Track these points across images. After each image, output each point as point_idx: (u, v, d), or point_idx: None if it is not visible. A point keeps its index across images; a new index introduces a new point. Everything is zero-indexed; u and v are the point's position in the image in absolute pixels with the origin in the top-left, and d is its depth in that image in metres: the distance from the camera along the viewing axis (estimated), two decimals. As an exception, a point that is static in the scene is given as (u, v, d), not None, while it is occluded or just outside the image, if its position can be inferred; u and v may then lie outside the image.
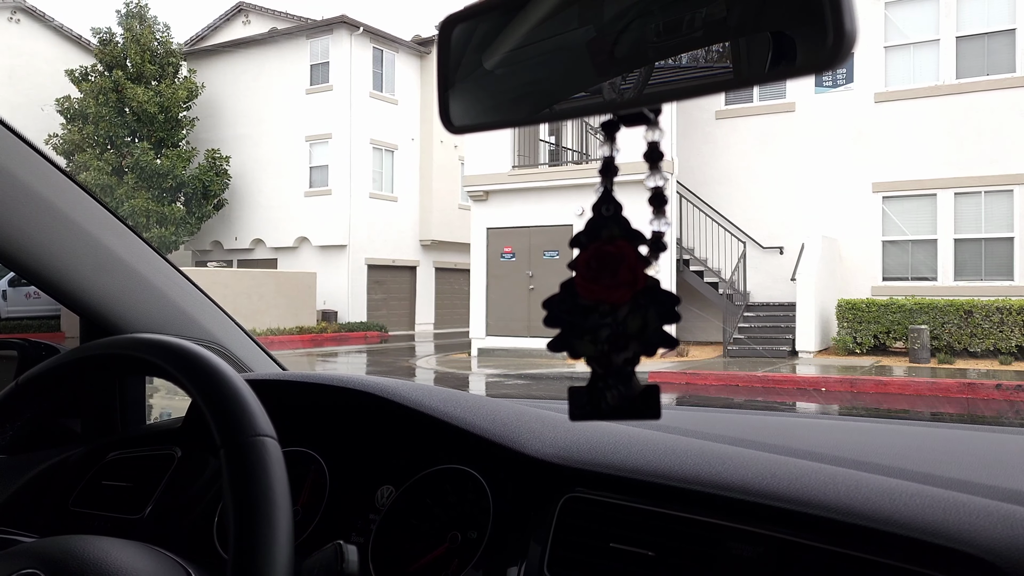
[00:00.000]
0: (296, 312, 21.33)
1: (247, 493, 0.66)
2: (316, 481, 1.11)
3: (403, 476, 1.04)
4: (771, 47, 0.39)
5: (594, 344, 0.45)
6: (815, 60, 0.38)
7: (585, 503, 0.88)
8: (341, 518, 1.05)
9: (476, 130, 0.49)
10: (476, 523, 0.95)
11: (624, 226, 0.45)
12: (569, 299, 0.45)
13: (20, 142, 1.11)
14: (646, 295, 0.44)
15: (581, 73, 0.44)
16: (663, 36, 0.41)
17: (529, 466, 0.94)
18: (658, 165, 0.44)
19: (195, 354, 0.75)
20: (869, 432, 1.12)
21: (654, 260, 0.44)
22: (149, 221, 22.18)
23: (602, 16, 0.42)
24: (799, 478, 0.79)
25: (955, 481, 0.79)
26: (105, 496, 1.22)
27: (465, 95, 0.49)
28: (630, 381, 0.44)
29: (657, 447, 0.91)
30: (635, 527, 0.84)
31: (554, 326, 0.46)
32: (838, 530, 0.73)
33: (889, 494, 0.74)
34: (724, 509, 0.80)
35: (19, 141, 1.11)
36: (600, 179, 0.46)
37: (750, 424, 1.14)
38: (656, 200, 0.44)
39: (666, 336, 0.44)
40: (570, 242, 0.46)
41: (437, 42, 0.50)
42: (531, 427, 1.00)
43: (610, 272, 0.44)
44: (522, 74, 0.47)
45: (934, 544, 0.67)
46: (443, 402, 1.04)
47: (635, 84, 0.43)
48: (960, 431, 1.13)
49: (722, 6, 0.39)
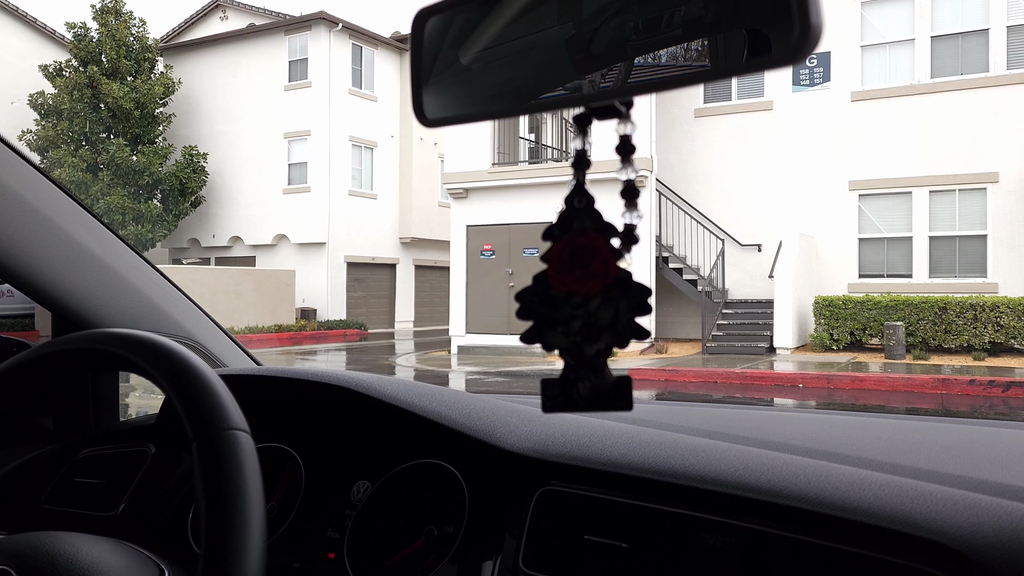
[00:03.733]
0: (274, 310, 21.19)
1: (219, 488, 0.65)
2: (291, 477, 1.11)
3: (379, 471, 1.04)
4: (746, 43, 0.40)
5: (566, 336, 0.45)
6: (783, 54, 0.39)
7: (560, 496, 0.89)
8: (316, 514, 1.05)
9: (450, 123, 0.49)
10: (452, 517, 0.95)
11: (596, 218, 0.45)
12: (542, 291, 0.45)
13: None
14: (618, 287, 0.44)
15: (559, 69, 0.44)
16: (642, 34, 0.41)
17: (504, 460, 0.95)
18: (630, 158, 0.44)
19: (167, 348, 0.75)
20: (840, 424, 1.14)
21: (626, 252, 0.44)
22: (125, 218, 21.93)
23: (581, 13, 0.42)
24: (770, 469, 0.80)
25: (923, 471, 0.81)
26: (78, 493, 1.21)
27: (440, 89, 0.48)
28: (602, 372, 0.45)
29: (631, 440, 0.92)
30: (609, 519, 0.85)
31: (527, 318, 0.46)
32: (808, 520, 0.74)
33: (858, 484, 0.75)
34: (697, 500, 0.80)
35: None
36: (572, 172, 0.46)
37: (723, 417, 1.15)
38: (628, 193, 0.44)
39: (638, 327, 0.44)
40: (543, 234, 0.46)
41: (410, 35, 0.49)
42: (506, 421, 1.00)
43: (582, 264, 0.44)
44: (499, 70, 0.46)
45: (902, 533, 0.68)
46: (418, 397, 1.04)
47: (614, 79, 0.43)
48: (929, 423, 1.15)
49: (699, 5, 0.40)
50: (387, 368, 13.83)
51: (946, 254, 14.15)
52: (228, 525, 0.63)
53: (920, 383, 9.92)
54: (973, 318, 12.30)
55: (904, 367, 11.33)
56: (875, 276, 14.63)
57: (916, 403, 9.17)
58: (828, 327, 13.25)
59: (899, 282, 14.30)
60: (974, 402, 9.10)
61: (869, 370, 10.99)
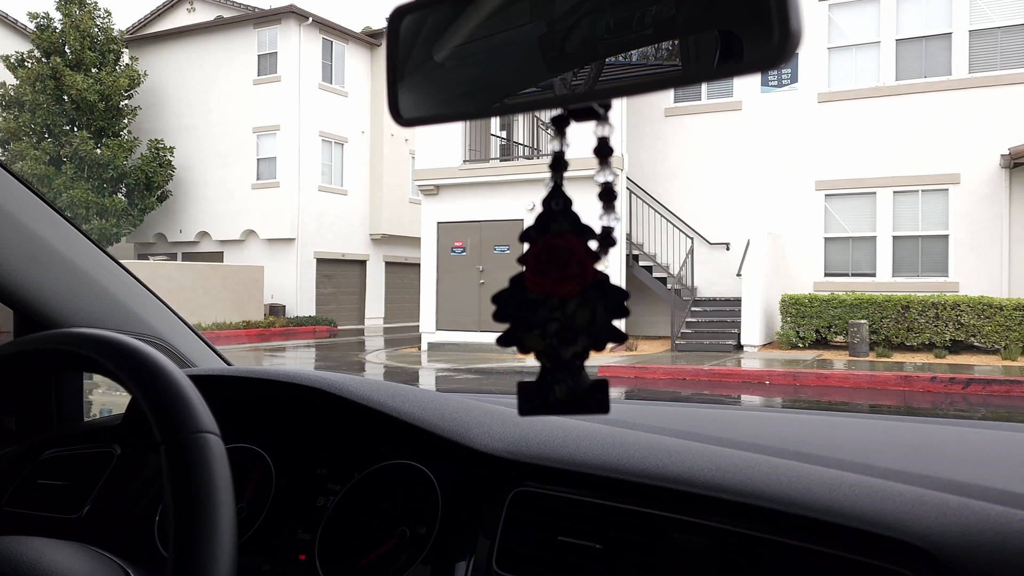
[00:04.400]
0: (242, 306, 20.96)
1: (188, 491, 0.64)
2: (262, 478, 1.09)
3: (351, 472, 1.03)
4: (719, 45, 0.40)
5: (543, 338, 0.45)
6: (761, 58, 0.38)
7: (534, 497, 0.89)
8: (287, 515, 1.04)
9: (426, 123, 0.49)
10: (424, 518, 0.94)
11: (573, 220, 0.45)
12: (518, 293, 0.45)
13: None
14: (595, 289, 0.44)
15: (532, 68, 0.44)
16: (613, 33, 0.41)
17: (478, 461, 0.94)
18: (608, 160, 0.44)
19: (133, 349, 0.73)
20: (811, 424, 1.15)
21: (603, 255, 0.44)
22: (88, 213, 21.53)
23: (553, 11, 0.42)
24: (743, 470, 0.81)
25: (892, 471, 0.82)
26: (41, 495, 1.18)
27: (415, 87, 0.48)
28: (579, 375, 0.44)
29: (605, 441, 0.92)
30: (583, 520, 0.85)
31: (503, 321, 0.46)
32: (781, 520, 0.74)
33: (829, 484, 0.76)
34: (670, 501, 0.81)
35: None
36: (550, 174, 0.46)
37: (696, 417, 1.16)
38: (606, 195, 0.44)
39: (614, 330, 0.44)
40: (520, 236, 0.46)
41: (386, 33, 0.49)
42: (480, 422, 1.00)
43: (559, 266, 0.44)
44: (473, 68, 0.46)
45: (871, 533, 0.69)
46: (391, 397, 1.03)
47: (586, 80, 0.43)
48: (897, 422, 1.17)
49: (671, 4, 0.40)
50: (357, 365, 13.75)
51: (909, 253, 14.42)
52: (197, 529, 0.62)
53: (883, 380, 10.10)
54: (935, 316, 12.54)
55: (868, 364, 11.52)
56: (840, 275, 14.85)
57: (879, 400, 9.33)
58: (794, 325, 13.43)
59: (863, 281, 14.54)
60: (935, 399, 9.28)
61: (834, 367, 11.16)
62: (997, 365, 11.22)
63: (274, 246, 23.02)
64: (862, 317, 12.90)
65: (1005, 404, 8.85)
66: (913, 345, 12.78)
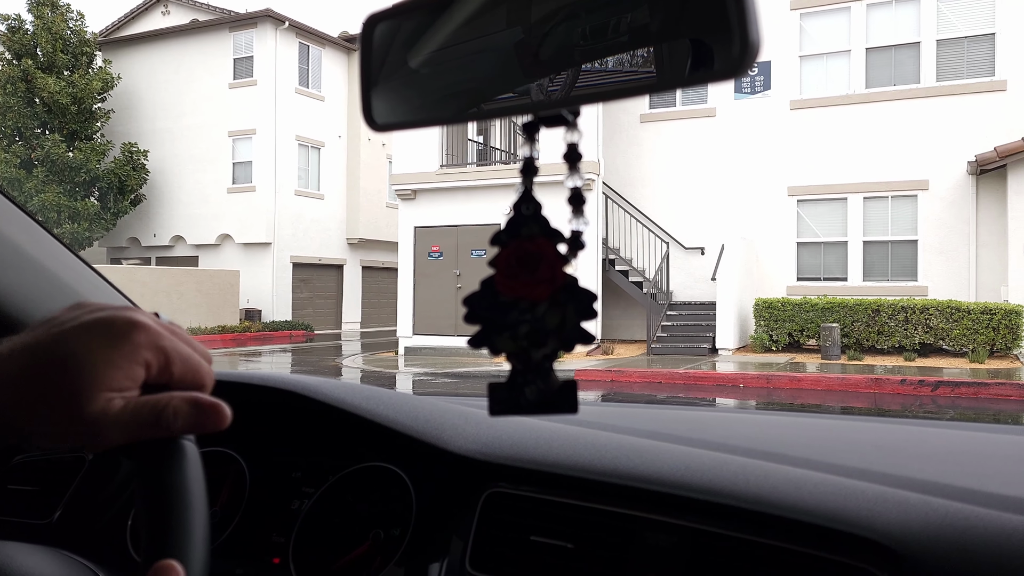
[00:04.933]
0: (218, 311, 20.76)
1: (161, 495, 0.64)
2: (236, 481, 1.09)
3: (325, 475, 1.04)
4: (690, 53, 0.41)
5: (514, 340, 0.45)
6: (725, 67, 0.40)
7: (507, 498, 0.90)
8: (261, 518, 1.04)
9: (400, 128, 0.49)
10: (399, 520, 0.95)
11: (544, 224, 0.45)
12: (489, 296, 0.46)
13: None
14: (565, 292, 0.44)
15: (508, 74, 0.45)
16: (589, 40, 0.41)
17: (452, 462, 0.95)
18: (577, 166, 0.45)
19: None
20: (779, 425, 1.17)
21: (573, 258, 0.45)
22: (60, 216, 21.22)
23: (529, 18, 0.43)
24: (711, 469, 0.82)
25: (856, 470, 0.84)
26: (12, 501, 1.17)
27: (389, 93, 0.48)
28: (549, 376, 0.45)
29: (577, 442, 0.93)
30: (555, 520, 0.86)
31: (474, 323, 0.46)
32: (748, 518, 0.76)
33: (795, 483, 0.78)
34: (641, 500, 0.82)
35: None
36: (521, 178, 0.47)
37: (667, 418, 1.18)
38: (575, 200, 0.45)
39: (584, 332, 0.45)
40: (491, 240, 0.46)
41: (360, 40, 0.49)
42: (454, 423, 1.01)
43: (530, 269, 0.45)
44: (448, 74, 0.47)
45: (835, 530, 0.71)
46: (365, 399, 1.04)
47: (562, 86, 0.44)
48: (862, 422, 1.19)
49: (645, 12, 0.41)
50: (333, 369, 13.67)
51: (879, 258, 14.62)
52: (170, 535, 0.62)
53: (854, 383, 10.23)
54: (904, 320, 12.72)
55: (839, 367, 11.66)
56: (812, 279, 15.03)
57: (851, 402, 9.44)
58: (768, 328, 13.56)
59: (835, 285, 14.72)
60: (905, 401, 9.41)
61: (806, 370, 11.28)
62: (965, 368, 11.41)
63: (250, 250, 22.83)
64: (834, 321, 13.06)
65: (973, 406, 9.00)
66: (883, 348, 12.96)
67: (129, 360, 0.50)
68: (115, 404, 0.50)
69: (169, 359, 0.53)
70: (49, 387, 0.49)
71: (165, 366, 0.53)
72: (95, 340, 0.50)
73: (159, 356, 0.52)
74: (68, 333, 0.50)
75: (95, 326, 0.51)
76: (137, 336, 0.51)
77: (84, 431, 0.49)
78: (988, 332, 12.17)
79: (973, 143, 13.78)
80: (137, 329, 0.51)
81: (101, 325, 0.51)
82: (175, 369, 0.53)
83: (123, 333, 0.51)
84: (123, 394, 0.50)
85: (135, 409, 0.51)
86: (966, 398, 9.44)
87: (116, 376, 0.50)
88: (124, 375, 0.50)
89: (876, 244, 14.63)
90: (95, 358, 0.50)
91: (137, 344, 0.51)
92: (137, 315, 0.52)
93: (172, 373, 0.53)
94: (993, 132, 13.64)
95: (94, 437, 0.50)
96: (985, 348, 12.08)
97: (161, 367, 0.52)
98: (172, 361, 0.53)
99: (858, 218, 14.69)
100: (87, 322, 0.51)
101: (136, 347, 0.51)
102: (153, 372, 0.52)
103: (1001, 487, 0.77)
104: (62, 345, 0.50)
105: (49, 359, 0.50)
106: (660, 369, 11.53)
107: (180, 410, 0.53)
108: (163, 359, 0.52)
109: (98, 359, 0.50)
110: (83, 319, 0.51)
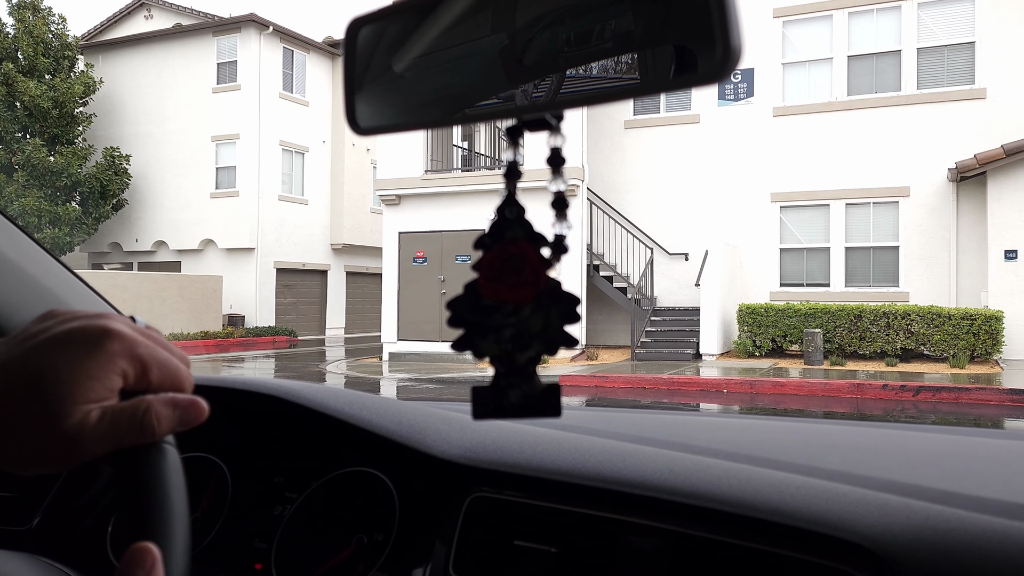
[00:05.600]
0: (200, 317, 20.62)
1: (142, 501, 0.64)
2: (217, 487, 1.08)
3: (308, 480, 1.03)
4: (674, 58, 0.41)
5: (497, 343, 0.45)
6: (707, 72, 0.40)
7: (490, 502, 0.89)
8: (243, 524, 1.03)
9: (383, 132, 0.49)
10: (382, 525, 0.94)
11: (527, 228, 0.45)
12: (473, 299, 0.46)
13: None
14: (548, 295, 0.45)
15: (492, 79, 0.45)
16: (575, 45, 0.42)
17: (435, 467, 0.95)
18: (560, 170, 0.45)
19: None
20: (761, 429, 1.18)
21: (556, 262, 0.45)
22: (41, 221, 21.01)
23: (514, 24, 0.43)
24: (694, 473, 0.83)
25: (837, 473, 0.84)
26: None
27: (373, 97, 0.48)
28: (532, 380, 0.45)
29: (560, 446, 0.93)
30: (538, 524, 0.86)
31: (458, 326, 0.46)
32: (730, 522, 0.76)
33: (776, 486, 0.78)
34: (624, 504, 0.82)
35: None
36: (504, 182, 0.47)
37: (650, 422, 1.18)
38: (558, 204, 0.45)
39: (567, 335, 0.45)
40: (474, 243, 0.46)
41: (344, 44, 0.49)
42: (436, 428, 1.00)
43: (513, 273, 0.45)
44: (432, 78, 0.47)
45: (817, 532, 0.71)
46: (348, 404, 1.03)
47: (547, 91, 0.44)
48: (843, 427, 1.20)
49: (630, 19, 0.41)
50: (317, 375, 13.60)
51: (861, 264, 14.75)
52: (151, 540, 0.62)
53: (837, 388, 10.30)
54: (886, 325, 12.83)
55: (822, 373, 11.74)
56: (795, 285, 15.14)
57: (833, 407, 9.50)
58: (751, 334, 13.64)
59: (817, 291, 14.83)
60: (887, 406, 9.48)
61: (789, 376, 11.35)
62: (946, 373, 11.51)
63: (233, 256, 22.71)
64: (816, 326, 13.15)
65: (954, 411, 9.09)
66: (866, 353, 13.06)
67: (105, 370, 0.49)
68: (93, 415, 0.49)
69: (146, 366, 0.52)
70: (23, 405, 0.48)
71: (142, 373, 0.52)
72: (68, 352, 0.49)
73: (135, 364, 0.51)
74: (40, 347, 0.49)
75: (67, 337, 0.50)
76: (111, 345, 0.50)
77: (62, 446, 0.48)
78: (968, 337, 12.30)
79: (953, 150, 13.94)
80: (111, 338, 0.50)
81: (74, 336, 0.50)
82: (153, 376, 0.52)
83: (96, 343, 0.50)
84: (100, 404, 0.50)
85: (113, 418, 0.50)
86: (947, 403, 9.53)
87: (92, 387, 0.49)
88: (101, 386, 0.49)
89: (858, 250, 14.76)
90: (70, 371, 0.48)
91: (112, 353, 0.50)
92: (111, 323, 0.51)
93: (150, 380, 0.52)
94: (973, 139, 13.81)
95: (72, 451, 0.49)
96: (966, 353, 12.21)
97: (138, 374, 0.52)
98: (149, 368, 0.52)
99: (840, 224, 14.81)
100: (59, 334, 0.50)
101: (111, 356, 0.50)
102: (130, 380, 0.51)
103: (980, 490, 0.78)
104: (34, 360, 0.49)
105: (22, 377, 0.49)
106: (644, 375, 11.56)
107: (160, 413, 0.52)
108: (140, 366, 0.51)
109: (73, 372, 0.48)
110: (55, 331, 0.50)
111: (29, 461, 0.49)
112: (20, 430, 0.48)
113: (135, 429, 0.51)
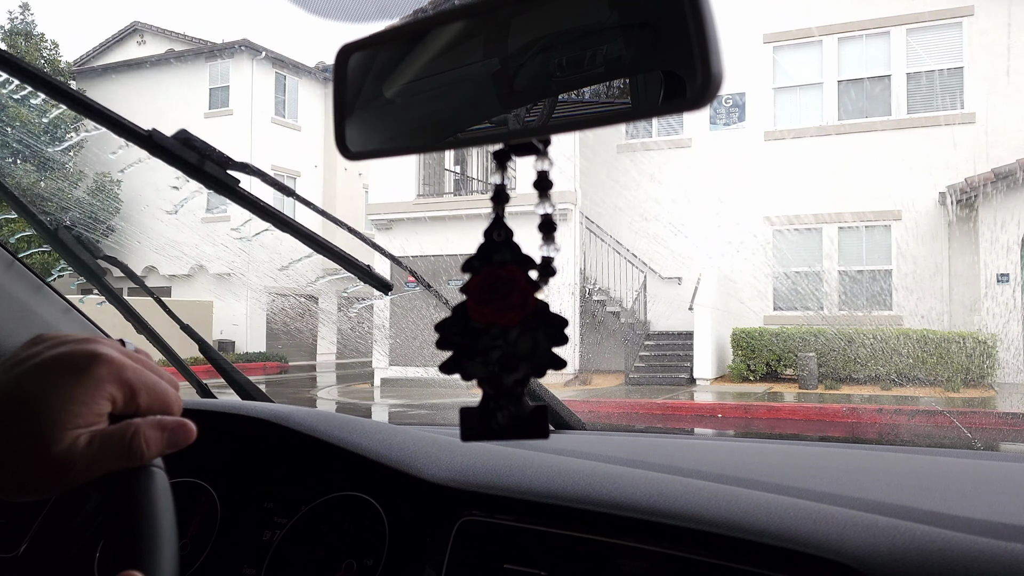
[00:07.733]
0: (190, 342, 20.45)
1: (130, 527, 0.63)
2: (206, 512, 1.07)
3: (297, 505, 1.02)
4: (663, 84, 0.42)
5: (485, 365, 0.46)
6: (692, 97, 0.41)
7: (480, 526, 0.89)
8: (232, 550, 1.02)
9: (373, 156, 0.50)
10: (372, 550, 0.94)
11: (515, 251, 0.46)
12: (461, 322, 0.46)
13: None
14: (536, 318, 0.45)
15: (484, 104, 0.45)
16: (566, 71, 0.42)
17: (424, 491, 0.94)
18: (548, 193, 0.46)
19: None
20: (750, 451, 1.18)
21: (544, 284, 0.46)
22: (30, 245, 20.92)
23: (506, 49, 0.43)
24: (683, 495, 0.83)
25: (825, 494, 0.85)
26: (-25, 535, 1.14)
27: (363, 122, 0.49)
28: (520, 401, 0.45)
29: (550, 469, 0.93)
30: (528, 548, 0.85)
31: (446, 348, 0.47)
32: (720, 543, 0.76)
33: (766, 508, 0.78)
34: (613, 527, 0.82)
35: None
36: (492, 206, 0.47)
37: (641, 446, 1.18)
38: (546, 227, 0.46)
39: (555, 357, 0.45)
40: (463, 266, 0.47)
41: (333, 70, 0.50)
42: (426, 452, 1.00)
43: (501, 295, 0.45)
44: (423, 103, 0.47)
45: (805, 553, 0.72)
46: (337, 428, 1.03)
47: (539, 116, 0.44)
48: (832, 448, 1.20)
49: (620, 45, 0.42)
50: (308, 401, 13.51)
51: (854, 288, 14.81)
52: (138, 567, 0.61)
53: (832, 412, 10.28)
54: (880, 349, 12.86)
55: (816, 397, 11.72)
56: (789, 309, 15.17)
57: (828, 432, 9.48)
58: (745, 358, 13.63)
59: (811, 315, 14.86)
60: (882, 430, 9.47)
61: (784, 400, 11.33)
62: (940, 396, 11.52)
63: (224, 281, 22.65)
64: (810, 350, 13.16)
65: (950, 435, 9.07)
66: (860, 377, 13.06)
67: (93, 395, 0.49)
68: (82, 441, 0.49)
69: (134, 390, 0.51)
70: (13, 432, 0.47)
71: (131, 397, 0.51)
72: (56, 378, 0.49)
73: (123, 388, 0.51)
74: (29, 373, 0.49)
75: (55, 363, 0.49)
76: (99, 370, 0.50)
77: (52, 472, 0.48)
78: (962, 361, 12.32)
79: (944, 174, 14.05)
80: (98, 363, 0.50)
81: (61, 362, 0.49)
82: (141, 399, 0.52)
83: (84, 369, 0.49)
84: (89, 429, 0.49)
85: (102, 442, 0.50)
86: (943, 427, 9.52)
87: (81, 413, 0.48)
88: (89, 411, 0.49)
89: (851, 274, 14.82)
90: (58, 398, 0.48)
91: (99, 378, 0.49)
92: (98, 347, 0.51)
93: (138, 403, 0.52)
94: (964, 163, 13.93)
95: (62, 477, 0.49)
96: (959, 377, 12.22)
97: (127, 398, 0.51)
98: (137, 391, 0.52)
99: (833, 248, 14.88)
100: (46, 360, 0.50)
101: (99, 382, 0.49)
102: (119, 404, 0.51)
103: (966, 510, 0.79)
104: (24, 387, 0.49)
105: (11, 403, 0.48)
106: (638, 399, 11.53)
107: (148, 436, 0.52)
108: (128, 390, 0.51)
109: (61, 398, 0.48)
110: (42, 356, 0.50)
111: (18, 487, 0.48)
112: (9, 456, 0.47)
113: (124, 453, 0.51)
